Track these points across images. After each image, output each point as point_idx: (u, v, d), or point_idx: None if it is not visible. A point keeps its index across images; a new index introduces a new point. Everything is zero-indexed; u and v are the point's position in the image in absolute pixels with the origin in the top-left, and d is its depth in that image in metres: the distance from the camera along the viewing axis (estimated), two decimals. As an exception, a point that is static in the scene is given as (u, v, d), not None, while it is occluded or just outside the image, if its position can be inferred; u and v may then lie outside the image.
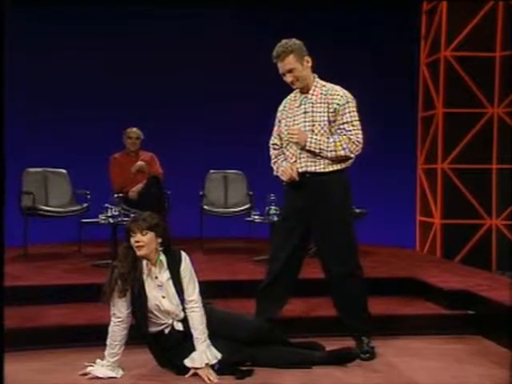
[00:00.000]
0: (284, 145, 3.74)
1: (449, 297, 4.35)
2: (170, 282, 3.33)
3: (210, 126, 7.18)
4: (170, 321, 3.36)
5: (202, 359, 3.26)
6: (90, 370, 3.31)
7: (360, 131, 3.59)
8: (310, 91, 3.64)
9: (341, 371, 3.41)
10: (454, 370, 3.47)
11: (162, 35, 7.15)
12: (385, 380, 3.32)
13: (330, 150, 3.55)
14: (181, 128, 7.19)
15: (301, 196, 3.65)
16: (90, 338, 3.71)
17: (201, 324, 3.31)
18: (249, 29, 7.18)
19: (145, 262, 3.33)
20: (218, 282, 4.56)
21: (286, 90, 3.75)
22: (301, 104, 3.67)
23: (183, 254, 3.40)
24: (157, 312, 3.33)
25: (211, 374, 3.25)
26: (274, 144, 3.82)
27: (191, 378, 3.27)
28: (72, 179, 6.37)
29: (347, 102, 3.58)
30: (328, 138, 3.57)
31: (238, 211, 6.43)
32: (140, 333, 3.38)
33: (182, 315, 3.35)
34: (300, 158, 3.63)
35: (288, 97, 3.79)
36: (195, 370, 3.27)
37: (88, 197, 6.13)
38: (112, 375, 3.29)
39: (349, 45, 7.02)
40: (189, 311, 3.33)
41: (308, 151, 3.59)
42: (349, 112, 3.58)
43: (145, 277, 3.32)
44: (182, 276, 3.34)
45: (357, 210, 5.07)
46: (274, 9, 6.90)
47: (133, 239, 3.28)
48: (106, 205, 5.20)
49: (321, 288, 3.87)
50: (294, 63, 3.56)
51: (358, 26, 7.12)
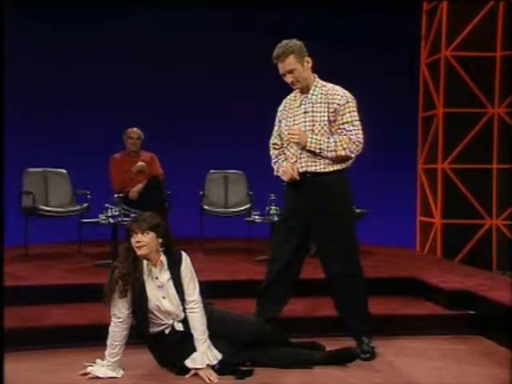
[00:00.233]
0: (284, 145, 3.74)
1: (449, 297, 4.35)
2: (171, 283, 3.33)
3: (209, 126, 7.17)
4: (171, 321, 3.36)
5: (203, 360, 3.26)
6: (90, 369, 3.31)
7: (360, 131, 3.59)
8: (310, 91, 3.64)
9: (341, 371, 3.41)
10: (454, 370, 3.47)
11: (162, 35, 7.16)
12: (385, 380, 3.32)
13: (331, 150, 3.55)
14: (181, 128, 7.19)
15: (301, 196, 3.65)
16: (89, 337, 3.71)
17: (201, 324, 3.31)
18: (249, 29, 7.17)
19: (145, 262, 3.32)
20: (218, 282, 4.57)
21: (286, 89, 3.75)
22: (301, 104, 3.66)
23: (184, 255, 3.40)
24: (157, 312, 3.32)
25: (212, 374, 3.25)
26: (274, 144, 3.82)
27: (191, 378, 3.27)
28: (72, 179, 6.38)
29: (347, 102, 3.58)
30: (328, 137, 3.57)
31: (239, 211, 6.43)
32: (140, 333, 3.38)
33: (183, 316, 3.35)
34: (300, 157, 3.63)
35: (288, 97, 3.79)
36: (196, 370, 3.27)
37: (88, 197, 6.14)
38: (112, 375, 3.29)
39: (349, 45, 7.01)
40: (189, 312, 3.33)
41: (308, 151, 3.59)
42: (349, 112, 3.58)
43: (145, 277, 3.31)
44: (183, 276, 3.34)
45: (357, 210, 5.07)
46: (274, 9, 6.90)
47: (133, 239, 3.27)
48: (106, 205, 5.21)
49: (321, 288, 3.87)
50: (294, 64, 3.56)
51: (358, 26, 7.11)
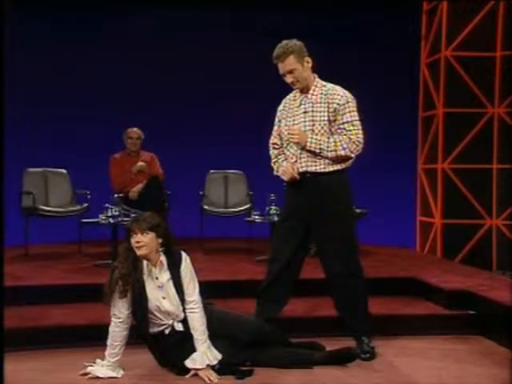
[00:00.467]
0: (284, 145, 3.73)
1: (449, 297, 4.35)
2: (171, 283, 3.33)
3: (209, 126, 7.17)
4: (171, 321, 3.36)
5: (203, 360, 3.26)
6: (90, 369, 3.31)
7: (360, 131, 3.59)
8: (310, 91, 3.64)
9: (341, 371, 3.41)
10: (454, 370, 3.47)
11: (162, 35, 7.15)
12: (385, 380, 3.32)
13: (331, 150, 3.55)
14: (181, 128, 7.19)
15: (301, 196, 3.65)
16: (89, 337, 3.71)
17: (201, 325, 3.31)
18: (249, 29, 7.17)
19: (145, 262, 3.32)
20: (218, 282, 4.57)
21: (286, 89, 3.75)
22: (301, 104, 3.66)
23: (183, 255, 3.39)
24: (157, 313, 3.32)
25: (212, 374, 3.25)
26: (273, 144, 3.82)
27: (191, 378, 3.27)
28: (72, 179, 6.37)
29: (347, 102, 3.58)
30: (328, 137, 3.57)
31: (239, 211, 6.43)
32: (140, 333, 3.38)
33: (183, 316, 3.35)
34: (300, 157, 3.62)
35: (288, 96, 3.78)
36: (196, 370, 3.27)
37: (88, 197, 6.14)
38: (112, 375, 3.29)
39: (349, 45, 7.01)
40: (189, 312, 3.33)
41: (308, 151, 3.58)
42: (349, 112, 3.58)
43: (145, 277, 3.31)
44: (183, 276, 3.34)
45: (357, 210, 5.07)
46: (274, 9, 6.90)
47: (133, 239, 3.27)
48: (106, 205, 5.20)
49: (321, 288, 3.87)
50: (294, 64, 3.56)
51: (358, 26, 7.11)
